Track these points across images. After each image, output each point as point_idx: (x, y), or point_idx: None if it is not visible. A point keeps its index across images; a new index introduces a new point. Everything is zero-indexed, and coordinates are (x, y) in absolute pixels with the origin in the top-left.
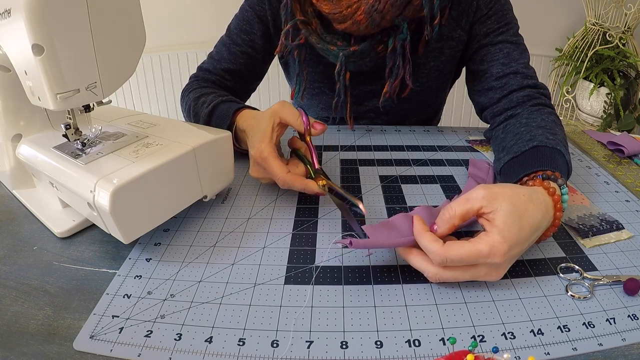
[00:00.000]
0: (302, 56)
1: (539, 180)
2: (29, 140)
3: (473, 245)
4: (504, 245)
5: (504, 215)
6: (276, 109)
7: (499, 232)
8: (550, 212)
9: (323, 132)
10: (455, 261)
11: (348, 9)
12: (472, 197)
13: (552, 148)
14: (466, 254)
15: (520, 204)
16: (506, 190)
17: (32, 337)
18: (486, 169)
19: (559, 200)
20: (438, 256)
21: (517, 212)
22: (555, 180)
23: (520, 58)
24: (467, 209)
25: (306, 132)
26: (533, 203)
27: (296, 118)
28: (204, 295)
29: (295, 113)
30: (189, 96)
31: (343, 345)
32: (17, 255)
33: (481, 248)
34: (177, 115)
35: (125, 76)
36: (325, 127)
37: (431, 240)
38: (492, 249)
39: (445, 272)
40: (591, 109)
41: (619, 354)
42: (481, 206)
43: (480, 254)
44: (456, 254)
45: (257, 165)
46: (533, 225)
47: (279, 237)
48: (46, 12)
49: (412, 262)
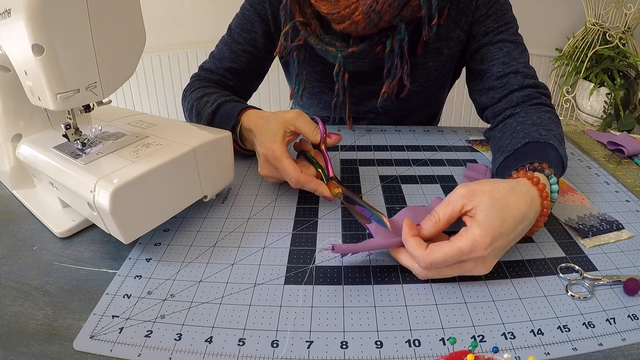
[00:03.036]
0: (302, 57)
1: (523, 172)
2: (29, 140)
3: (454, 244)
4: (486, 238)
5: (484, 210)
6: (291, 117)
7: (479, 226)
8: (536, 202)
9: (338, 142)
10: (438, 263)
11: (346, 9)
12: (452, 199)
13: (543, 143)
14: (449, 254)
15: (501, 197)
16: (485, 186)
17: (32, 337)
18: (484, 171)
19: (544, 189)
20: (422, 262)
21: (497, 205)
22: (542, 171)
23: (520, 57)
24: (449, 212)
25: (322, 140)
26: (514, 194)
27: (312, 129)
28: (204, 295)
29: (311, 124)
30: (191, 95)
31: (343, 345)
32: (17, 255)
33: (462, 245)
34: (177, 115)
35: (125, 76)
36: (341, 137)
37: (415, 246)
38: (473, 244)
39: (431, 271)
40: (591, 109)
41: (619, 354)
42: (462, 205)
43: (462, 251)
44: (438, 256)
45: (268, 164)
46: (517, 217)
47: (279, 237)
48: (46, 12)
49: (401, 261)
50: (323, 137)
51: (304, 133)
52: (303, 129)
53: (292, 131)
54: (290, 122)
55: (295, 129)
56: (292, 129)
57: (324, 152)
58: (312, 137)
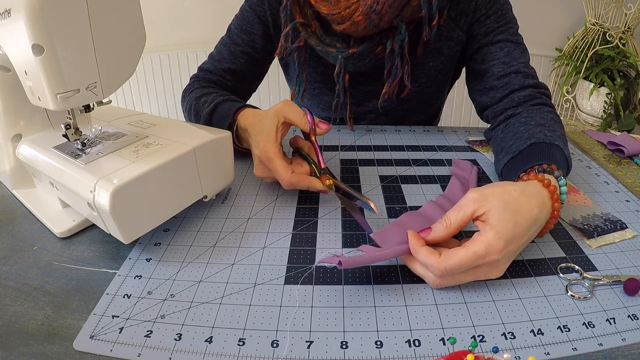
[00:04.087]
0: (302, 58)
1: (533, 174)
2: (29, 140)
3: (468, 249)
4: (500, 242)
5: (496, 213)
6: (280, 108)
7: (492, 229)
8: (547, 204)
9: (328, 132)
10: (454, 270)
11: (346, 9)
12: (463, 204)
13: (549, 144)
14: (464, 259)
15: (512, 199)
16: (496, 189)
17: (32, 337)
18: (469, 169)
19: (555, 191)
20: (437, 269)
21: (510, 208)
22: (552, 172)
23: (520, 57)
24: (461, 216)
25: (311, 131)
26: (526, 196)
27: (301, 117)
28: (204, 295)
29: (299, 112)
30: (190, 96)
31: (343, 345)
32: (17, 255)
33: (477, 249)
34: (177, 115)
35: (125, 76)
36: (330, 126)
37: (427, 255)
38: (488, 248)
39: (446, 279)
40: (591, 109)
41: (619, 354)
42: (474, 210)
43: (477, 255)
44: (454, 262)
45: (262, 165)
46: (529, 219)
47: (279, 237)
48: (46, 12)
49: (415, 270)
50: (312, 127)
51: (293, 122)
52: (292, 118)
53: (284, 122)
54: (280, 113)
55: (285, 118)
56: (283, 120)
57: (314, 143)
58: (302, 125)
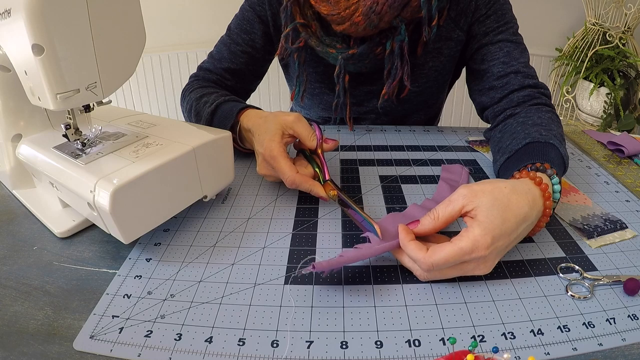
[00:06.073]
0: (302, 59)
1: (525, 172)
2: (29, 140)
3: (455, 245)
4: (487, 238)
5: (485, 209)
6: (290, 122)
7: (480, 226)
8: (538, 202)
9: (335, 148)
10: (440, 265)
11: (346, 10)
12: (453, 199)
13: (544, 142)
14: (450, 255)
15: (502, 196)
16: (487, 186)
17: (32, 337)
18: (459, 172)
19: (546, 189)
20: (423, 264)
21: (499, 205)
22: (545, 171)
23: (520, 57)
24: (449, 211)
25: (318, 145)
26: (516, 194)
27: (309, 134)
28: (204, 295)
29: (309, 129)
30: (190, 96)
31: (343, 345)
32: (17, 255)
33: (463, 245)
34: (177, 115)
35: (125, 76)
36: (338, 143)
37: (415, 249)
38: (474, 244)
39: (432, 273)
40: (591, 109)
41: (619, 354)
42: (462, 205)
43: (463, 251)
44: (440, 257)
45: (265, 163)
46: (519, 216)
47: (279, 237)
48: (46, 12)
49: (403, 262)
50: (319, 142)
51: (301, 138)
52: (301, 134)
53: (290, 134)
54: (289, 125)
55: (294, 132)
56: (290, 132)
57: (320, 156)
58: (309, 142)
